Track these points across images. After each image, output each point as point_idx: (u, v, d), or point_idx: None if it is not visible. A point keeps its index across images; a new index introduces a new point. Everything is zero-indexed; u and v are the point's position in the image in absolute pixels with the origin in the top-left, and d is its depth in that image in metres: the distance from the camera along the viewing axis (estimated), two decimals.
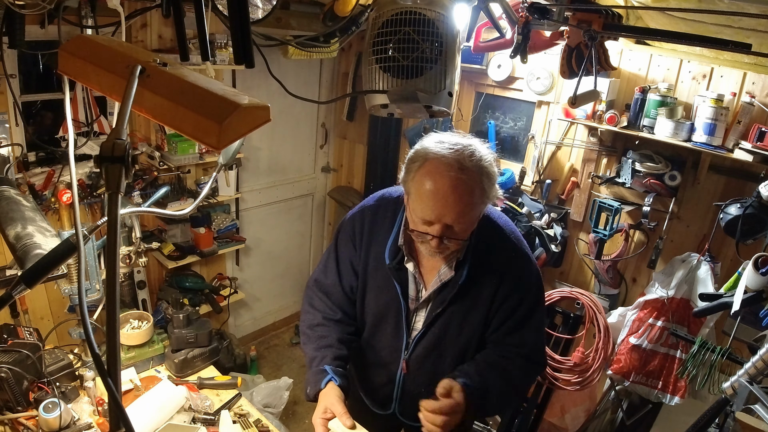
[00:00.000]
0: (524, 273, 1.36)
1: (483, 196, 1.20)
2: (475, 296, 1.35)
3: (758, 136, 2.04)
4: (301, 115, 3.68)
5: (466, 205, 1.18)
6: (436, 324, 1.39)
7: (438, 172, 1.17)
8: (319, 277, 1.54)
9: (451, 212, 1.18)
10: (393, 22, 1.29)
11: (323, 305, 1.50)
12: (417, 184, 1.20)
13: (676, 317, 2.33)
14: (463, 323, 1.38)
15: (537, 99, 2.86)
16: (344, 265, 1.49)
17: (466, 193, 1.17)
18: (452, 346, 1.41)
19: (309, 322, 1.49)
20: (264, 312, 3.90)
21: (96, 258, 1.72)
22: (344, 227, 1.49)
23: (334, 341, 1.43)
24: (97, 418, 1.60)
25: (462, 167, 1.16)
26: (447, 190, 1.16)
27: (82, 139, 2.30)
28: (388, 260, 1.38)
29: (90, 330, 0.64)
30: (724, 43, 1.31)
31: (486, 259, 1.34)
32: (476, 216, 1.24)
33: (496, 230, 1.37)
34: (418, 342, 1.42)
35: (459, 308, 1.37)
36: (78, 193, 2.41)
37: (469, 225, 1.23)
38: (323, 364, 1.38)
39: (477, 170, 1.18)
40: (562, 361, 2.28)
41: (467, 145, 1.21)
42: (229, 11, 0.92)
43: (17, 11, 1.62)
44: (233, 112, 0.72)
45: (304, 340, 1.49)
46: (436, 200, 1.17)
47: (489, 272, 1.34)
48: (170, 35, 2.59)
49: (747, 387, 1.34)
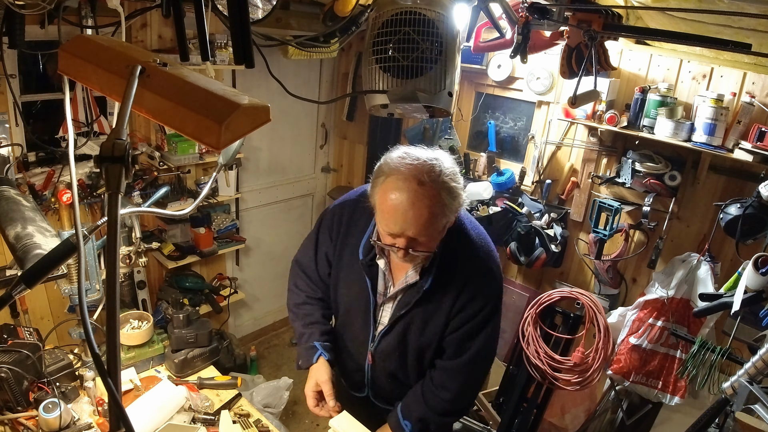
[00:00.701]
0: (485, 287, 1.40)
1: (444, 209, 1.23)
2: (438, 302, 1.40)
3: (758, 136, 2.04)
4: (301, 115, 3.68)
5: (426, 219, 1.21)
6: (399, 323, 1.45)
7: (397, 187, 1.21)
8: (300, 258, 1.65)
9: (412, 226, 1.21)
10: (393, 22, 1.29)
11: (305, 285, 1.61)
12: (379, 198, 1.25)
13: (676, 317, 2.33)
14: (424, 326, 1.43)
15: (537, 99, 2.86)
16: (320, 254, 1.57)
17: (424, 207, 1.20)
18: (414, 345, 1.47)
19: (294, 300, 1.62)
20: (264, 312, 3.90)
21: (96, 258, 1.72)
22: (325, 218, 1.57)
23: (319, 317, 1.58)
24: (97, 418, 1.60)
25: (420, 182, 1.19)
26: (406, 204, 1.19)
27: (82, 139, 2.30)
28: (362, 256, 1.44)
29: (90, 330, 0.64)
30: (724, 43, 1.31)
31: (452, 268, 1.38)
32: (439, 228, 1.27)
33: (466, 240, 1.40)
34: (383, 337, 1.49)
35: (421, 311, 1.42)
36: (78, 193, 2.41)
37: (433, 237, 1.27)
38: (312, 340, 1.53)
39: (436, 185, 1.20)
40: (562, 361, 2.28)
41: (428, 159, 1.24)
42: (229, 11, 0.92)
43: (17, 11, 1.62)
44: (233, 112, 0.72)
45: (292, 317, 1.63)
46: (396, 215, 1.21)
47: (453, 280, 1.38)
48: (170, 35, 2.58)
49: (747, 387, 1.34)
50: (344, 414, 1.43)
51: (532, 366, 2.36)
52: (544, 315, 2.43)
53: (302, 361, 1.56)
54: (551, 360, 2.29)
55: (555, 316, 2.45)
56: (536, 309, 2.42)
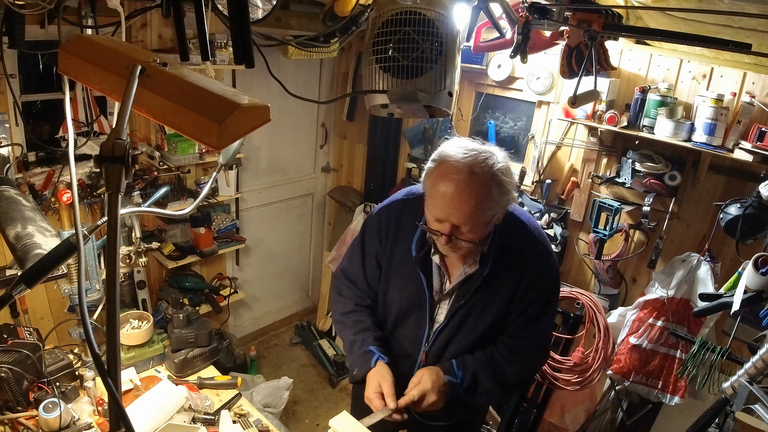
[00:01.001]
0: (545, 269, 1.42)
1: (491, 202, 1.24)
2: (497, 289, 1.40)
3: (758, 136, 2.04)
4: (301, 115, 3.68)
5: (472, 209, 1.22)
6: (456, 315, 1.44)
7: (448, 175, 1.23)
8: (345, 267, 1.62)
9: (457, 213, 1.23)
10: (393, 22, 1.29)
11: (352, 293, 1.58)
12: (430, 183, 1.28)
13: (676, 317, 2.33)
14: (482, 315, 1.43)
15: (537, 99, 2.86)
16: (369, 259, 1.55)
17: (471, 197, 1.21)
18: (469, 337, 1.46)
19: (342, 309, 1.58)
20: (264, 312, 3.90)
21: (96, 258, 1.72)
22: (371, 222, 1.55)
23: (370, 324, 1.53)
24: (97, 418, 1.60)
25: (472, 172, 1.21)
26: (454, 192, 1.21)
27: (82, 139, 2.30)
28: (415, 252, 1.43)
29: (90, 330, 0.64)
30: (724, 43, 1.31)
31: (509, 254, 1.39)
32: (484, 219, 1.27)
33: (520, 226, 1.42)
34: (439, 334, 1.47)
35: (480, 300, 1.42)
36: (78, 193, 2.41)
37: (476, 227, 1.27)
38: (366, 345, 1.47)
39: (487, 177, 1.22)
40: (562, 361, 2.28)
41: (483, 152, 1.25)
42: (229, 11, 0.92)
43: (17, 11, 1.62)
44: (233, 112, 0.72)
45: (339, 327, 1.58)
46: (443, 201, 1.24)
47: (511, 266, 1.39)
48: (170, 35, 2.58)
49: (747, 387, 1.34)
50: (344, 414, 1.42)
51: None
52: None
53: (357, 370, 1.46)
54: (551, 360, 2.29)
55: (555, 316, 2.45)
56: None
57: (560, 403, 2.65)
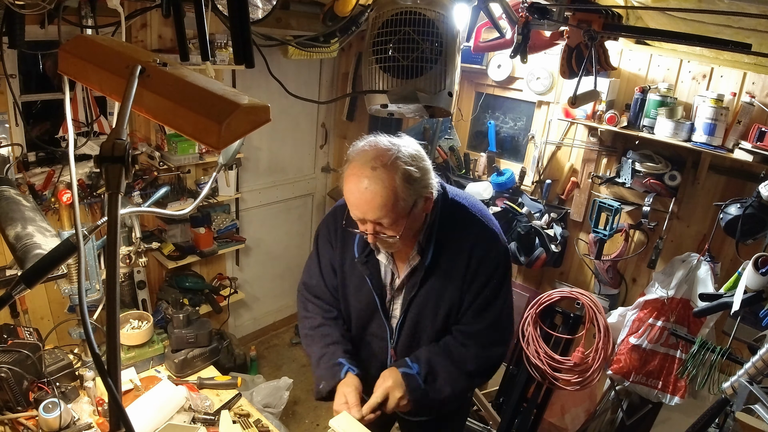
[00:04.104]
0: (491, 251, 1.40)
1: (400, 194, 1.23)
2: (446, 277, 1.40)
3: (758, 136, 2.04)
4: (301, 115, 3.68)
5: (381, 204, 1.23)
6: (411, 308, 1.45)
7: (353, 174, 1.25)
8: (306, 281, 1.63)
9: (369, 211, 1.25)
10: (393, 22, 1.29)
11: (317, 307, 1.59)
12: (343, 187, 1.30)
13: (676, 317, 2.33)
14: (438, 304, 1.43)
15: (537, 99, 2.86)
16: (326, 268, 1.57)
17: (377, 193, 1.22)
18: (431, 327, 1.46)
19: (309, 324, 1.57)
20: (264, 312, 3.90)
21: (96, 258, 1.72)
22: (321, 229, 1.58)
23: (339, 338, 1.52)
24: (97, 418, 1.60)
25: (373, 168, 1.23)
26: (361, 190, 1.24)
27: (82, 139, 2.30)
28: (357, 254, 1.45)
29: (90, 330, 0.64)
30: (724, 43, 1.31)
31: (452, 240, 1.39)
32: (400, 212, 1.26)
33: (461, 210, 1.42)
34: (401, 328, 1.49)
35: (431, 289, 1.42)
36: (78, 193, 2.41)
37: (395, 221, 1.27)
38: (336, 358, 1.47)
39: (389, 170, 1.22)
40: (562, 361, 2.28)
41: (385, 145, 1.27)
42: (229, 11, 0.92)
43: (17, 11, 1.62)
44: (233, 112, 0.72)
45: (307, 342, 1.56)
46: (353, 200, 1.27)
47: (456, 252, 1.39)
48: (170, 35, 2.58)
49: (747, 387, 1.34)
50: (344, 414, 1.43)
51: (532, 366, 2.36)
52: (544, 315, 2.43)
53: (324, 383, 1.45)
54: (551, 360, 2.29)
55: (555, 316, 2.45)
56: (536, 309, 2.42)
57: (560, 403, 2.65)
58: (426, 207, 1.33)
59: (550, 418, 2.64)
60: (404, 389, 1.39)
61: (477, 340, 1.43)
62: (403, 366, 1.43)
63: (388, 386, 1.40)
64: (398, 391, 1.39)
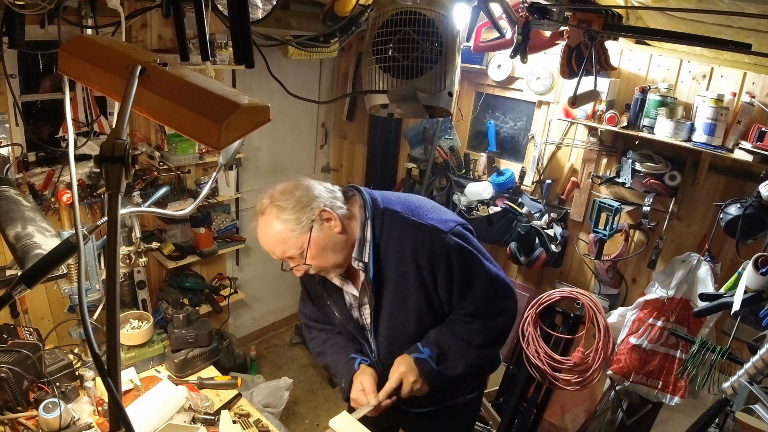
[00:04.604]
0: (434, 243, 1.36)
1: (286, 225, 1.31)
2: (401, 283, 1.41)
3: (758, 136, 2.04)
4: (301, 115, 3.68)
5: (276, 241, 1.33)
6: (381, 320, 1.48)
7: (255, 226, 1.37)
8: (302, 309, 1.71)
9: (274, 249, 1.35)
10: (393, 22, 1.29)
11: (319, 331, 1.65)
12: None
13: (676, 317, 2.33)
14: (404, 310, 1.45)
15: (537, 99, 2.86)
16: (313, 294, 1.63)
17: (268, 233, 1.33)
18: (408, 333, 1.49)
19: (317, 342, 1.64)
20: (264, 312, 3.90)
21: (96, 258, 1.72)
22: None
23: (347, 342, 1.60)
24: (97, 418, 1.60)
25: (261, 214, 1.34)
26: (260, 236, 1.36)
27: (82, 139, 2.30)
28: (317, 279, 1.53)
29: (90, 330, 0.64)
30: (724, 43, 1.31)
31: (392, 247, 1.39)
32: (297, 242, 1.32)
33: (393, 216, 1.41)
34: (377, 339, 1.53)
35: (392, 299, 1.44)
36: (78, 193, 2.41)
37: (299, 249, 1.32)
38: (348, 355, 1.55)
39: (270, 210, 1.32)
40: (562, 361, 2.28)
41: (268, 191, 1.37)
42: (229, 11, 0.92)
43: (17, 11, 1.62)
44: (233, 112, 0.72)
45: (321, 358, 1.64)
46: (263, 246, 1.37)
47: (400, 257, 1.39)
48: (170, 35, 2.58)
49: (747, 387, 1.34)
50: (344, 414, 1.43)
51: (532, 366, 2.36)
52: (544, 315, 2.43)
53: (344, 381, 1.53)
54: (551, 360, 2.29)
55: (555, 316, 2.45)
56: (536, 309, 2.42)
57: (560, 403, 2.65)
58: (332, 225, 1.34)
59: (550, 418, 2.64)
60: (417, 373, 1.43)
61: (477, 316, 1.44)
62: (414, 351, 1.46)
63: (401, 371, 1.44)
64: (411, 376, 1.43)
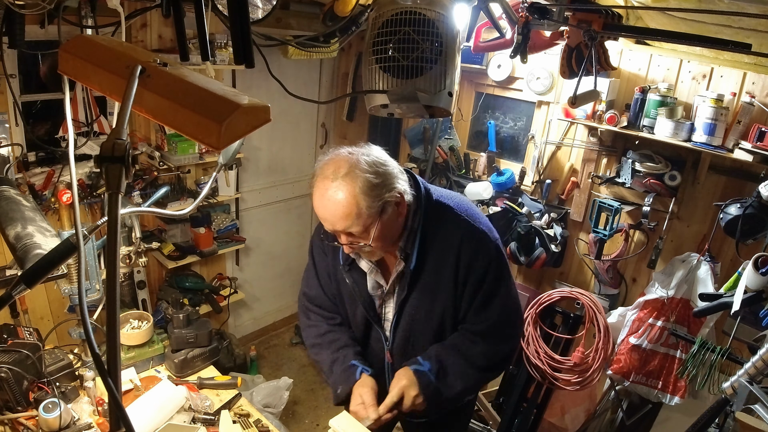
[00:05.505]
0: (480, 251, 1.37)
1: (363, 200, 1.23)
2: (436, 278, 1.39)
3: (758, 136, 2.04)
4: (301, 115, 3.68)
5: (344, 214, 1.24)
6: (404, 312, 1.45)
7: (318, 187, 1.28)
8: (305, 291, 1.64)
9: (337, 222, 1.26)
10: (393, 22, 1.29)
11: (320, 316, 1.60)
12: (313, 199, 1.32)
13: (676, 317, 2.33)
14: (431, 307, 1.43)
15: (537, 99, 2.86)
16: (323, 276, 1.58)
17: (340, 203, 1.23)
18: (427, 330, 1.47)
19: (314, 333, 1.58)
20: (264, 312, 3.90)
21: (96, 258, 1.72)
22: (314, 239, 1.58)
23: (347, 341, 1.54)
24: (97, 418, 1.60)
25: (335, 178, 1.24)
26: (325, 202, 1.26)
27: (82, 139, 2.30)
28: (342, 261, 1.47)
29: (90, 330, 0.64)
30: (724, 43, 1.31)
31: (439, 241, 1.38)
32: (366, 219, 1.25)
33: (446, 211, 1.40)
34: (395, 332, 1.49)
35: (422, 293, 1.42)
36: (78, 193, 2.41)
37: (366, 227, 1.26)
38: (348, 360, 1.49)
39: (348, 180, 1.23)
40: (562, 361, 2.28)
41: (344, 155, 1.28)
42: (229, 11, 0.92)
43: (17, 11, 1.62)
44: (233, 112, 0.72)
45: (315, 350, 1.57)
46: (321, 213, 1.29)
47: (444, 253, 1.38)
48: (170, 35, 2.58)
49: (747, 387, 1.34)
50: (344, 414, 1.43)
51: (532, 366, 2.36)
52: (544, 315, 2.43)
53: (342, 387, 1.47)
54: (551, 360, 2.29)
55: (555, 316, 2.45)
56: (536, 309, 2.42)
57: (560, 403, 2.65)
58: (400, 211, 1.32)
59: (550, 418, 2.64)
60: (418, 387, 1.40)
61: (485, 337, 1.43)
62: (414, 364, 1.44)
63: (403, 385, 1.40)
64: (413, 390, 1.40)
